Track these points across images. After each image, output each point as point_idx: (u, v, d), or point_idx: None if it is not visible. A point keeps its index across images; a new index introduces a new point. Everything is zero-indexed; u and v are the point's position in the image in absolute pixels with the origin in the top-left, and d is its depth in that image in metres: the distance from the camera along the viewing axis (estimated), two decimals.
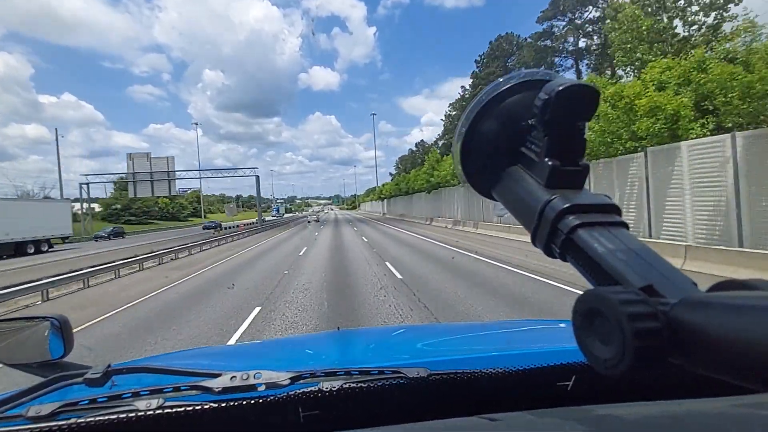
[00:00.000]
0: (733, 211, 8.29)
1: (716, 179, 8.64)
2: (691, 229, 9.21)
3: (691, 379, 0.63)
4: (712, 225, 8.72)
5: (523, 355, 1.05)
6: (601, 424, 0.52)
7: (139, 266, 13.06)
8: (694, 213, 9.19)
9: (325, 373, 0.72)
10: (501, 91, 0.41)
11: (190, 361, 1.47)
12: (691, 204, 9.25)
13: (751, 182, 7.96)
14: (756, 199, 7.91)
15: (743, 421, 0.44)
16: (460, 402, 0.71)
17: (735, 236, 8.25)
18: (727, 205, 8.42)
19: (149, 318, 6.68)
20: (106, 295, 8.96)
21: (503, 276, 8.67)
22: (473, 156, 0.43)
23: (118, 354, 4.91)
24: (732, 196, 8.30)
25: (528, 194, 0.39)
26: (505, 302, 6.41)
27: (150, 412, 0.62)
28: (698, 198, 9.08)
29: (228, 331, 5.55)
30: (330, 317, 5.95)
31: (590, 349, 0.28)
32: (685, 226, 9.38)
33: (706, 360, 0.25)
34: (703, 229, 8.95)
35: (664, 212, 10.07)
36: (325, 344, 1.66)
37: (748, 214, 8.02)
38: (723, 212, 8.52)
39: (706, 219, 8.89)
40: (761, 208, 7.83)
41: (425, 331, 2.14)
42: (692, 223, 9.20)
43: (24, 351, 1.00)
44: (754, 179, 7.91)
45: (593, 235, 0.34)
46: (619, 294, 0.27)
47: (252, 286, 8.80)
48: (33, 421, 0.60)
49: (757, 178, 7.87)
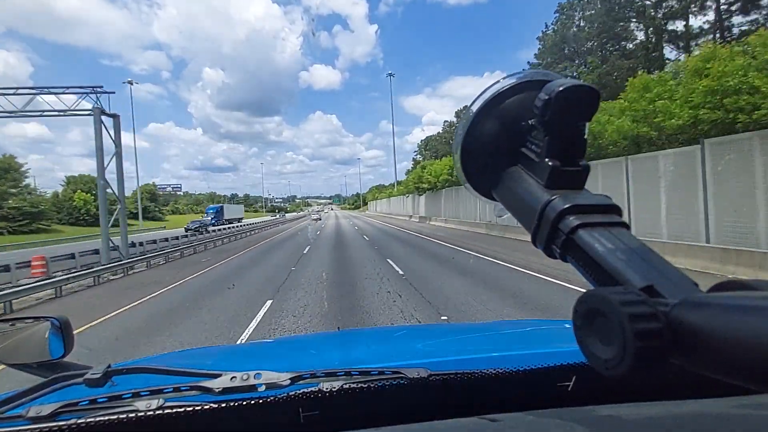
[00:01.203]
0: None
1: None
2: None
3: (692, 379, 0.63)
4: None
5: (524, 355, 1.05)
6: (602, 425, 0.52)
7: None
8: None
9: (326, 373, 0.72)
10: (501, 91, 0.41)
11: (190, 362, 1.47)
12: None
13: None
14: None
15: (743, 422, 0.44)
16: (460, 402, 0.71)
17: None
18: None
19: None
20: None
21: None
22: (474, 156, 0.43)
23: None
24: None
25: (528, 194, 0.39)
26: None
27: (150, 412, 0.61)
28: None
29: None
30: None
31: (591, 350, 0.28)
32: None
33: (706, 360, 0.25)
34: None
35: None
36: (325, 344, 1.66)
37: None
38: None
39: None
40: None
41: (425, 331, 2.14)
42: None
43: (24, 351, 1.00)
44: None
45: (594, 236, 0.34)
46: (619, 294, 0.27)
47: None
48: (33, 421, 0.60)
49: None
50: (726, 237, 8.47)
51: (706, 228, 8.89)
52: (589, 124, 0.38)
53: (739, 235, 8.28)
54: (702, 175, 9.04)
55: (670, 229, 10.01)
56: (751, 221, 8.07)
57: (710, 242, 8.76)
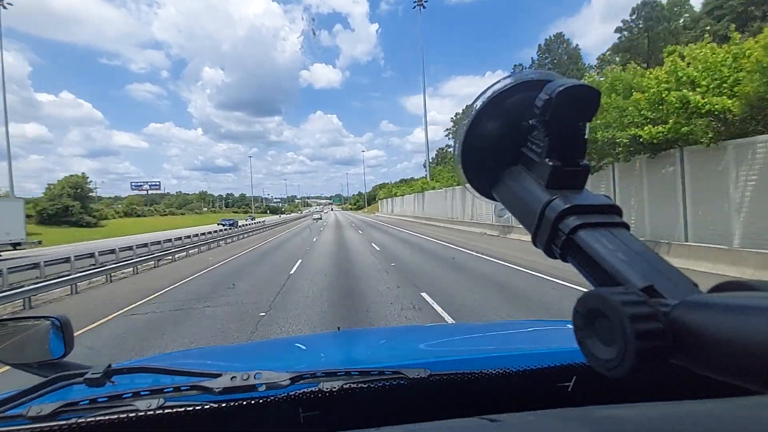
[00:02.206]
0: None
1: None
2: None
3: (692, 380, 0.63)
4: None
5: (524, 355, 1.05)
6: (602, 425, 0.52)
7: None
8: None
9: (325, 373, 0.72)
10: (502, 91, 0.41)
11: (191, 361, 1.47)
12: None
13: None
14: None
15: (743, 422, 0.44)
16: (460, 403, 0.71)
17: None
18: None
19: None
20: None
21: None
22: (474, 156, 0.43)
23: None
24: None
25: (528, 195, 0.39)
26: None
27: (150, 412, 0.62)
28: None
29: None
30: None
31: (591, 350, 0.28)
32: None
33: (707, 361, 0.25)
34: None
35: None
36: (325, 344, 1.66)
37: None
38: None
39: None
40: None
41: (426, 331, 2.14)
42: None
43: (25, 351, 1.00)
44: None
45: (594, 236, 0.34)
46: (620, 295, 0.27)
47: None
48: (33, 421, 0.60)
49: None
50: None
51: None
52: (590, 123, 0.38)
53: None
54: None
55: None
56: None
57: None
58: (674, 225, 10.16)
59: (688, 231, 9.83)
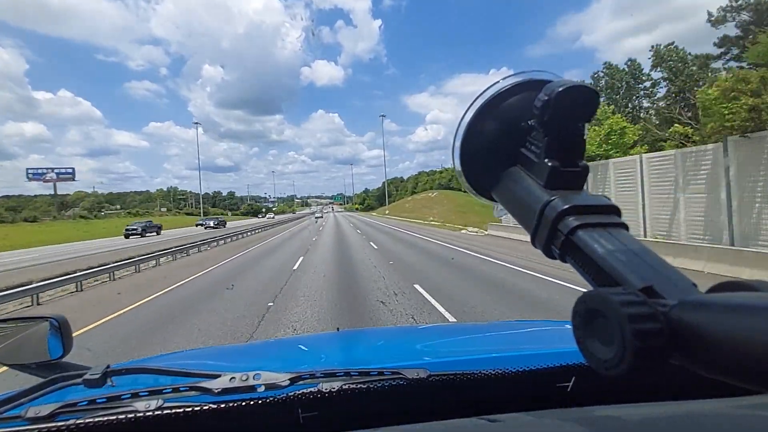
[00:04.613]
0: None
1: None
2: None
3: (691, 380, 0.63)
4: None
5: (523, 356, 1.05)
6: (601, 425, 0.52)
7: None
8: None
9: (325, 374, 0.72)
10: (501, 92, 0.41)
11: (190, 362, 1.47)
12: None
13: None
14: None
15: (743, 422, 0.44)
16: (459, 403, 0.71)
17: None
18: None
19: None
20: None
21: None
22: (473, 156, 0.43)
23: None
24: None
25: (528, 195, 0.39)
26: None
27: (149, 413, 0.61)
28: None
29: None
30: None
31: (590, 350, 0.28)
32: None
33: (706, 361, 0.25)
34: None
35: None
36: (324, 345, 1.66)
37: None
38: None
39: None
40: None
41: (425, 332, 2.14)
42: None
43: (23, 351, 0.99)
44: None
45: (593, 236, 0.34)
46: (619, 295, 0.27)
47: None
48: (32, 422, 0.60)
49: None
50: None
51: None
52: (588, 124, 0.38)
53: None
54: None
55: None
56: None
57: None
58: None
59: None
